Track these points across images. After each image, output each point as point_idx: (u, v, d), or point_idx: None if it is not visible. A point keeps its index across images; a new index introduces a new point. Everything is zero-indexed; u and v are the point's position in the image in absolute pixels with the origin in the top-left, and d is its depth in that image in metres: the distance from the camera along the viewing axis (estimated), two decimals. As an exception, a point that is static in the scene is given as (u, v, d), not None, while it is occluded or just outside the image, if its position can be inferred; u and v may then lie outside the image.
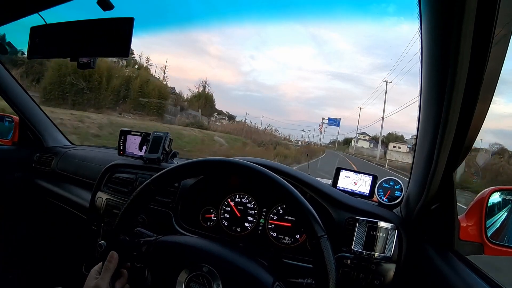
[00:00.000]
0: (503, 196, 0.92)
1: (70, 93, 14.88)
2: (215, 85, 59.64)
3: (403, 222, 0.98)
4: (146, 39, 32.72)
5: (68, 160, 1.77)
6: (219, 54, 66.58)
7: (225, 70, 68.26)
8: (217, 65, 66.01)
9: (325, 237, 0.69)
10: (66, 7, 1.10)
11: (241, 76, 75.22)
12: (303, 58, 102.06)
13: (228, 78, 67.74)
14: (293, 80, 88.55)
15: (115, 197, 1.32)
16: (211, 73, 61.36)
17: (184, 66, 51.68)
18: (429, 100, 0.69)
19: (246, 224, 1.17)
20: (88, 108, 14.48)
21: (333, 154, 33.21)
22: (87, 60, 1.04)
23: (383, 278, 0.89)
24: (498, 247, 0.86)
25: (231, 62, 71.95)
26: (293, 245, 1.10)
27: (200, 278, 0.72)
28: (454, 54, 0.55)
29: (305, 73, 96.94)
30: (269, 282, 0.71)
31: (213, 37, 65.72)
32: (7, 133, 1.85)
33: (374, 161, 30.70)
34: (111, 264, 0.75)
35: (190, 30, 51.53)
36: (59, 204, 1.67)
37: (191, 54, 57.07)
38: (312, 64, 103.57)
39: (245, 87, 75.93)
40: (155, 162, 1.35)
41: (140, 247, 0.80)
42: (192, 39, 57.12)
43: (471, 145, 0.73)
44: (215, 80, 60.85)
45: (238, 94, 69.43)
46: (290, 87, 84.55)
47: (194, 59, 58.14)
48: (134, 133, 1.49)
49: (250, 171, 0.77)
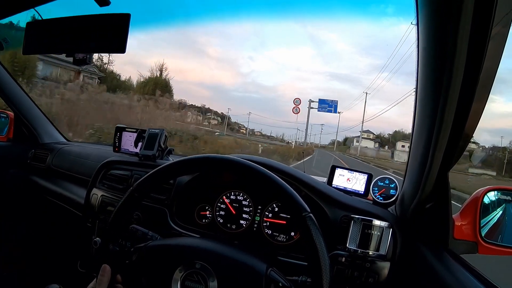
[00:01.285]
0: (498, 196, 0.92)
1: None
2: (214, 86, 59.55)
3: (398, 221, 0.98)
4: (143, 40, 32.45)
5: (63, 156, 1.76)
6: (218, 55, 66.57)
7: (224, 71, 68.28)
8: (216, 67, 66.04)
9: (310, 215, 0.70)
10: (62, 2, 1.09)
11: (240, 77, 75.30)
12: (301, 59, 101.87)
13: (227, 79, 67.77)
14: (292, 81, 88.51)
15: (110, 194, 1.32)
16: (210, 74, 61.36)
17: (184, 67, 51.63)
18: (424, 99, 0.69)
19: (241, 221, 1.17)
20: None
21: (325, 156, 23.95)
22: (83, 56, 1.04)
23: (378, 276, 0.90)
24: (492, 246, 0.87)
25: (230, 63, 71.95)
26: (288, 243, 1.10)
27: (195, 275, 0.71)
28: (450, 53, 0.55)
29: (304, 73, 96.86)
30: (262, 268, 0.71)
31: (212, 39, 65.72)
32: (2, 129, 1.84)
33: (389, 167, 19.69)
34: (104, 278, 0.75)
35: (189, 31, 51.44)
36: (54, 201, 1.66)
37: (190, 55, 57.02)
38: (310, 64, 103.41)
39: (244, 88, 76.00)
40: (151, 159, 1.34)
41: (131, 256, 0.80)
42: (191, 40, 57.05)
43: (467, 144, 0.73)
44: (214, 81, 60.80)
45: (237, 95, 69.45)
46: (289, 88, 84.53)
47: (193, 61, 58.12)
48: (129, 130, 1.48)
49: (236, 165, 0.78)
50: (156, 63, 33.46)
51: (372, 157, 36.46)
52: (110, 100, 13.68)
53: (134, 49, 25.41)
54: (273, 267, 0.73)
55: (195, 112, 28.58)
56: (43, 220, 1.88)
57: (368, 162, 26.17)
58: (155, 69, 22.83)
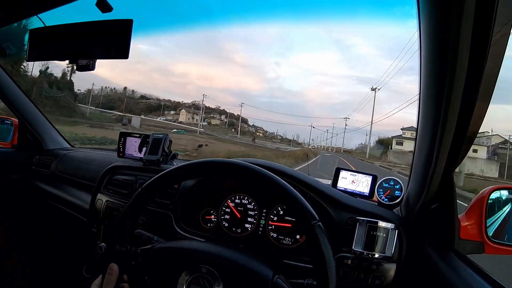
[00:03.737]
0: (504, 195, 0.92)
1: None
2: (240, 92, 59.83)
3: (403, 222, 0.98)
4: (168, 47, 32.87)
5: (68, 162, 1.77)
6: (243, 61, 67.17)
7: (250, 77, 68.84)
8: (241, 72, 66.65)
9: (319, 224, 0.69)
10: (65, 9, 1.10)
11: (266, 83, 75.68)
12: (327, 63, 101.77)
13: (252, 86, 68.34)
14: (318, 86, 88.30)
15: (115, 199, 1.32)
16: (235, 80, 61.82)
17: (209, 74, 52.24)
18: (428, 100, 0.69)
19: (246, 225, 1.17)
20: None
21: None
22: (86, 63, 1.04)
23: (384, 278, 0.89)
24: (498, 245, 0.86)
25: (255, 69, 72.41)
26: (294, 246, 1.10)
27: (200, 280, 0.72)
28: (452, 54, 0.55)
29: (329, 78, 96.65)
30: (268, 275, 0.71)
31: (237, 45, 66.42)
32: (6, 135, 1.85)
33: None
34: (112, 277, 0.75)
35: (214, 38, 51.94)
36: (59, 206, 1.67)
37: (215, 62, 57.70)
38: (336, 69, 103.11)
39: (269, 93, 76.15)
40: (155, 163, 1.35)
41: (137, 257, 0.80)
42: (217, 47, 57.74)
43: (471, 144, 0.73)
44: (240, 87, 61.19)
45: (263, 101, 69.50)
46: (314, 93, 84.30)
47: (219, 68, 58.85)
48: (133, 135, 1.49)
49: (243, 170, 0.77)
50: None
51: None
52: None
53: (160, 56, 25.90)
54: (280, 274, 0.73)
55: (192, 110, 28.56)
56: (48, 225, 1.88)
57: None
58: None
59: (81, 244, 1.63)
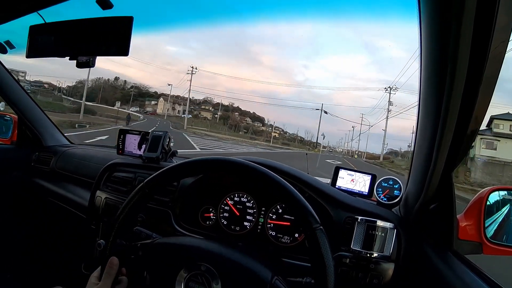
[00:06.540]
0: (502, 196, 0.92)
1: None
2: (268, 94, 59.28)
3: (402, 222, 0.98)
4: (199, 49, 33.03)
5: (67, 159, 1.77)
6: (272, 64, 67.08)
7: (278, 80, 68.64)
8: (270, 75, 66.52)
9: (320, 228, 0.69)
10: (65, 6, 1.10)
11: (295, 86, 75.03)
12: (355, 67, 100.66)
13: (281, 88, 68.05)
14: (346, 89, 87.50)
15: (114, 196, 1.32)
16: (264, 84, 61.59)
17: (238, 75, 52.29)
18: (428, 100, 0.69)
19: (245, 223, 1.17)
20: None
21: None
22: (86, 59, 1.04)
23: (382, 277, 0.89)
24: (497, 246, 0.86)
25: (284, 72, 72.13)
26: (292, 244, 1.10)
27: (199, 277, 0.72)
28: (453, 54, 0.55)
29: (359, 82, 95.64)
30: (267, 277, 0.71)
31: (266, 47, 66.46)
32: (6, 132, 1.85)
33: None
34: (112, 270, 0.75)
35: (242, 40, 51.92)
36: (58, 203, 1.67)
37: (243, 65, 57.75)
38: (365, 72, 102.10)
39: (298, 97, 75.39)
40: (154, 161, 1.35)
41: (137, 251, 0.80)
42: (245, 50, 57.91)
43: (470, 144, 0.73)
44: (269, 89, 60.81)
45: (291, 104, 68.88)
46: (342, 96, 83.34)
47: (247, 69, 58.86)
48: (133, 132, 1.49)
49: (244, 168, 0.77)
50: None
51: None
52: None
53: (190, 58, 26.01)
54: (278, 276, 0.72)
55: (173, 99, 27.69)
56: (47, 222, 1.88)
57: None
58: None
59: (80, 241, 1.63)
